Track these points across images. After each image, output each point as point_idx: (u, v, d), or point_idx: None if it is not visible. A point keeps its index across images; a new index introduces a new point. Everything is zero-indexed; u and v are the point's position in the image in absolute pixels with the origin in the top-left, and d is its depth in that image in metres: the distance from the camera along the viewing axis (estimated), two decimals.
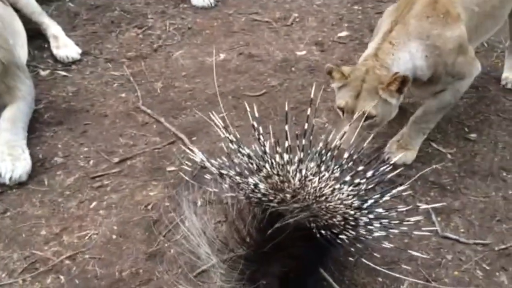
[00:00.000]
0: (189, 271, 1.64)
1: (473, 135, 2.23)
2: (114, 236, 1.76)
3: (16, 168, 1.94)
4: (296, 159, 1.41)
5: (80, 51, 2.72)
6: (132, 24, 3.02)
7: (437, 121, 2.11)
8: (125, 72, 2.61)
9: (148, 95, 2.47)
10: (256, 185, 1.39)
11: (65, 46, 2.71)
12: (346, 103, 1.82)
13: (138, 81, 2.55)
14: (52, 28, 2.79)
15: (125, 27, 2.99)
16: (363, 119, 1.75)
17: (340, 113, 1.87)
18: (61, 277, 1.63)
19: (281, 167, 1.40)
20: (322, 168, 1.41)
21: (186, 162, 1.97)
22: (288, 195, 1.38)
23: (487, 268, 1.68)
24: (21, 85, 2.21)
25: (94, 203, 1.89)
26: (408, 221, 1.44)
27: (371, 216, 1.39)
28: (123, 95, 2.46)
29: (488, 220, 1.85)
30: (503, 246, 1.75)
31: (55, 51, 2.70)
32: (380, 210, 1.41)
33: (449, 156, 2.12)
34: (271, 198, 1.38)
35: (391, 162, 1.47)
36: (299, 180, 1.39)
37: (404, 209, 1.46)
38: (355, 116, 1.74)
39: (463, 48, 1.95)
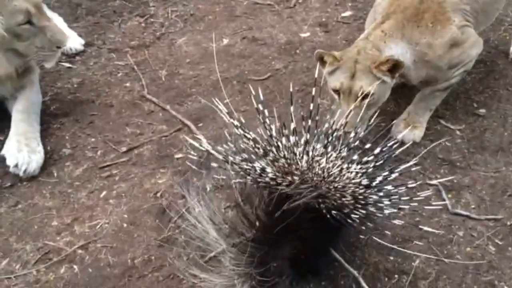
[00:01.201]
0: (200, 257, 1.66)
1: (482, 111, 2.20)
2: (125, 225, 1.78)
3: (31, 161, 1.94)
4: (303, 140, 1.40)
5: (83, 42, 2.71)
6: (134, 13, 3.00)
7: (443, 97, 2.09)
8: (129, 61, 2.60)
9: (153, 83, 2.46)
10: (263, 169, 1.39)
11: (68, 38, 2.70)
12: (341, 84, 1.82)
13: (142, 70, 2.55)
14: (54, 20, 2.78)
15: (127, 16, 2.97)
16: (360, 98, 1.74)
17: (336, 96, 1.86)
18: (75, 266, 1.65)
19: (287, 149, 1.40)
20: (329, 149, 1.41)
21: (192, 150, 1.97)
22: (296, 178, 1.37)
23: (499, 243, 1.67)
24: (31, 74, 2.22)
25: (103, 193, 1.90)
26: (418, 196, 1.43)
27: (380, 193, 1.38)
28: (128, 84, 2.46)
29: (499, 195, 1.83)
30: None
31: None
32: (389, 187, 1.40)
33: (458, 132, 2.10)
34: (279, 181, 1.38)
35: (398, 138, 1.45)
36: (307, 162, 1.39)
37: (414, 184, 1.45)
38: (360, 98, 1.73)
39: (457, 43, 1.94)
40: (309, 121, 1.42)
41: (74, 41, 2.69)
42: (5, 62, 2.05)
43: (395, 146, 1.43)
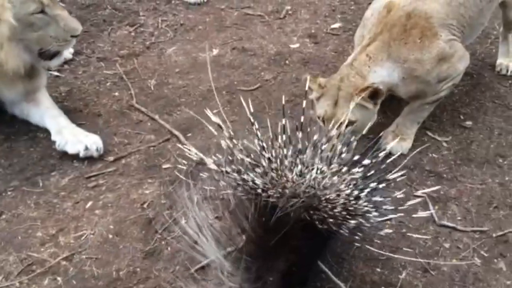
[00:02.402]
0: (186, 269, 1.64)
1: (468, 123, 2.22)
2: (110, 236, 1.76)
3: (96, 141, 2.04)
4: (293, 152, 1.40)
5: (72, 50, 2.70)
6: (123, 22, 3.00)
7: (431, 110, 2.12)
8: (118, 70, 2.60)
9: (142, 92, 2.45)
10: (253, 181, 1.38)
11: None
12: (325, 112, 1.84)
13: (131, 79, 2.54)
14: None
15: (117, 25, 2.97)
16: (344, 126, 1.74)
17: (321, 123, 1.88)
18: (58, 278, 1.62)
19: (278, 161, 1.39)
20: (320, 160, 1.41)
21: (182, 159, 1.97)
22: (286, 190, 1.37)
23: (485, 255, 1.68)
24: (41, 78, 2.25)
25: (89, 203, 1.88)
26: (405, 206, 1.44)
27: (370, 204, 1.39)
28: (117, 93, 2.45)
29: (485, 207, 1.84)
30: (500, 233, 1.75)
31: None
32: (377, 198, 1.40)
33: (445, 144, 2.11)
34: (270, 193, 1.37)
35: (386, 150, 1.46)
36: (297, 174, 1.38)
37: (401, 194, 1.45)
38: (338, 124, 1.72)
39: (445, 57, 1.97)
40: (300, 133, 1.42)
41: None
42: (15, 55, 2.01)
43: (383, 156, 1.44)
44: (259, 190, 1.37)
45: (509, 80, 2.49)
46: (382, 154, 1.43)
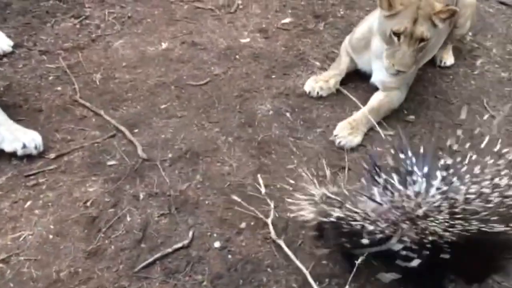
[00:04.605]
0: (130, 267, 1.61)
1: (411, 117, 2.29)
2: (50, 236, 1.69)
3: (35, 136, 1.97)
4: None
5: (11, 43, 2.56)
6: (68, 14, 2.88)
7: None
8: (61, 64, 2.49)
9: (87, 87, 2.37)
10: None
11: None
12: (405, 28, 2.04)
13: (76, 73, 2.44)
14: None
15: (61, 17, 2.85)
16: (418, 42, 2.05)
17: (395, 39, 2.07)
18: None
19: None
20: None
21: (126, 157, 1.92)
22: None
23: None
24: None
25: (28, 203, 1.80)
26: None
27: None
28: (59, 88, 2.35)
29: None
30: None
31: None
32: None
33: (389, 138, 2.17)
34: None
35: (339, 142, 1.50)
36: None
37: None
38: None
39: None
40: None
41: (1, 42, 2.54)
42: None
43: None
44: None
45: (451, 76, 2.59)
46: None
